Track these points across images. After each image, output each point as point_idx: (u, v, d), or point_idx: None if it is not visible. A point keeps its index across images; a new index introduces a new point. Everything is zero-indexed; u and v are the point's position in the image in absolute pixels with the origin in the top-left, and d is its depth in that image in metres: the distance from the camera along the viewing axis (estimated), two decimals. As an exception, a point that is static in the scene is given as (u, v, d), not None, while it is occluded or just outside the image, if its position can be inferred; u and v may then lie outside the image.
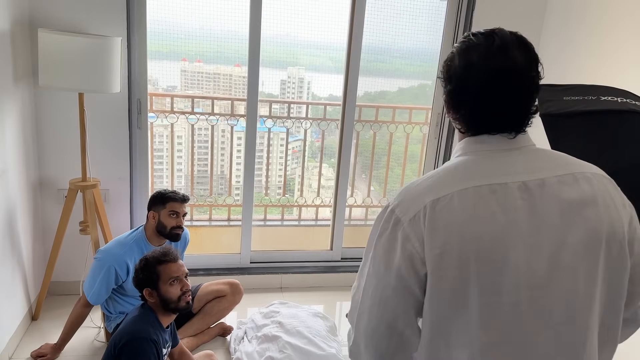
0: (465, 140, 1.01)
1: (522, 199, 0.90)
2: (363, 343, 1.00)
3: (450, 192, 0.91)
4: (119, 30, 2.67)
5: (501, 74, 0.92)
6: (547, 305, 0.90)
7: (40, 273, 2.81)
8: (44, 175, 2.79)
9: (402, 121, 3.80)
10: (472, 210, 0.89)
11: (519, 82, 0.93)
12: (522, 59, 0.93)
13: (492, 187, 0.90)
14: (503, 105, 0.94)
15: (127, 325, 1.97)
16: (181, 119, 3.46)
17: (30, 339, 2.56)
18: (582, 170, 0.97)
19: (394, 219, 0.94)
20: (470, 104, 0.97)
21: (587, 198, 0.93)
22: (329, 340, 2.64)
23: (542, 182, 0.92)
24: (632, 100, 1.45)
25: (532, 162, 0.96)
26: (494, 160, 0.96)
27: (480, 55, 0.93)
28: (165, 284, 1.99)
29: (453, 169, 0.97)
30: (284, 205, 3.89)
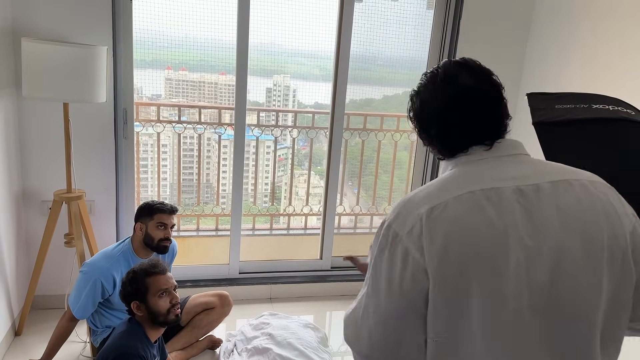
0: (454, 158, 1.04)
1: (518, 202, 0.91)
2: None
3: (445, 199, 0.91)
4: (105, 39, 2.64)
5: (451, 100, 1.01)
6: (548, 314, 0.90)
7: (24, 287, 2.74)
8: (28, 187, 2.73)
9: (390, 129, 3.81)
10: (468, 216, 0.89)
11: (471, 99, 1.00)
12: (467, 79, 1.00)
13: (485, 192, 0.91)
14: (466, 125, 1.00)
15: (115, 340, 1.92)
16: (167, 127, 3.42)
17: (14, 354, 2.49)
18: (578, 177, 0.97)
19: (392, 233, 0.94)
20: (439, 135, 1.04)
21: (584, 205, 0.94)
22: (320, 352, 2.61)
23: (536, 187, 0.93)
24: (623, 108, 1.46)
25: (524, 168, 0.97)
26: (485, 167, 0.98)
27: (429, 92, 1.04)
28: (154, 297, 1.96)
29: (445, 180, 0.98)
30: (272, 214, 3.86)
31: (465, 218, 0.89)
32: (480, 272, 0.88)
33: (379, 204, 3.97)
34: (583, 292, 0.91)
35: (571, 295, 0.90)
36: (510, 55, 3.23)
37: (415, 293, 0.91)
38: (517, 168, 0.97)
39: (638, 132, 1.40)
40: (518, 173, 0.95)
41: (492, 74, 1.03)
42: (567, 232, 0.91)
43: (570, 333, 0.91)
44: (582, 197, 0.94)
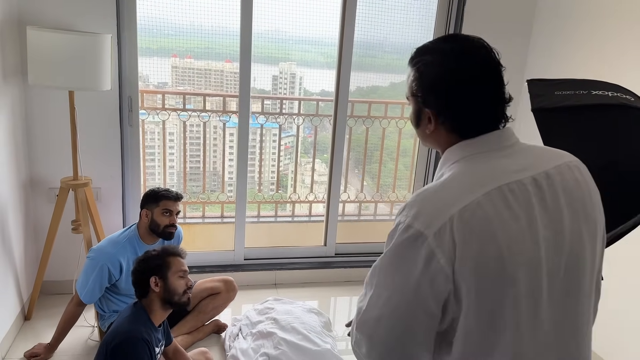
0: (455, 147, 0.98)
1: (534, 194, 0.91)
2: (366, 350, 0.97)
3: (474, 198, 0.87)
4: (109, 27, 2.65)
5: (485, 68, 0.96)
6: (561, 300, 0.92)
7: (32, 272, 2.79)
8: (35, 174, 2.76)
9: (395, 116, 3.80)
10: (500, 214, 0.87)
11: (490, 76, 0.96)
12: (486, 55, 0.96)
13: (509, 186, 0.90)
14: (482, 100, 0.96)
15: (119, 325, 1.95)
16: (172, 115, 3.44)
17: (24, 338, 2.55)
18: (569, 159, 1.00)
19: (413, 232, 0.88)
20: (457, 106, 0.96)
21: (581, 185, 0.97)
22: (324, 336, 2.64)
23: (546, 175, 0.94)
24: (622, 94, 1.45)
25: (530, 157, 0.97)
26: (496, 160, 0.95)
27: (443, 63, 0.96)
28: (174, 275, 2.03)
29: (464, 176, 0.93)
30: (277, 201, 3.89)
31: (498, 217, 0.87)
32: (514, 271, 0.87)
33: (383, 192, 3.98)
34: (587, 272, 0.95)
35: (578, 278, 0.94)
36: (514, 41, 3.21)
37: (431, 298, 0.88)
38: (524, 157, 0.96)
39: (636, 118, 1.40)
40: (527, 162, 0.95)
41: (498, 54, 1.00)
42: (573, 214, 0.93)
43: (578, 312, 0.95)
44: (578, 177, 0.98)
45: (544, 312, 0.91)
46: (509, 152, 0.96)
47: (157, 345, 2.02)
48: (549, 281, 0.90)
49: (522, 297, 0.88)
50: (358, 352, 1.00)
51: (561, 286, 0.92)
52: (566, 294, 0.93)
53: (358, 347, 0.98)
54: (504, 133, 0.98)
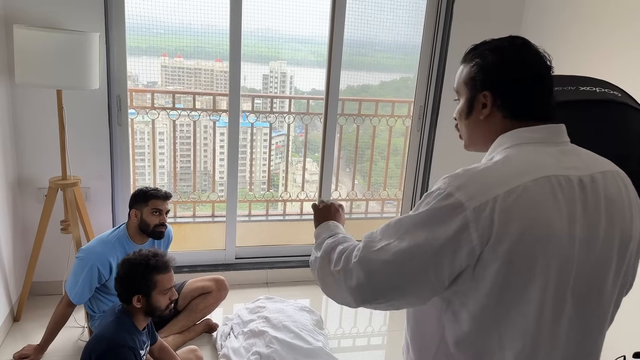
0: (510, 133, 0.99)
1: (578, 194, 0.92)
2: (356, 284, 0.96)
3: (522, 182, 0.88)
4: (97, 26, 2.63)
5: (543, 66, 1.01)
6: (580, 299, 0.93)
7: (21, 273, 2.77)
8: (23, 174, 2.74)
9: (385, 114, 3.81)
10: (545, 202, 0.88)
11: (546, 70, 1.02)
12: (541, 54, 1.03)
13: (558, 179, 0.90)
14: (539, 88, 1.01)
15: (103, 331, 1.92)
16: (162, 114, 3.42)
17: (13, 340, 2.53)
18: (616, 169, 1.01)
19: (454, 201, 0.87)
20: (517, 87, 1.00)
21: (623, 196, 0.97)
22: (316, 334, 2.65)
23: (592, 178, 0.94)
24: (610, 90, 1.46)
25: (580, 158, 0.98)
26: (550, 153, 0.96)
27: (506, 52, 1.02)
28: (158, 294, 1.96)
29: (516, 160, 0.94)
30: (269, 200, 3.88)
31: (542, 204, 0.88)
32: (546, 260, 0.88)
33: (374, 190, 3.98)
34: (609, 281, 0.96)
35: (600, 284, 0.95)
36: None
37: (447, 265, 0.88)
38: (573, 156, 0.97)
39: (624, 114, 1.41)
40: (576, 162, 0.96)
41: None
42: (610, 223, 0.94)
43: (589, 320, 0.96)
44: (622, 188, 0.98)
45: (567, 307, 0.92)
46: (561, 149, 0.97)
47: (143, 348, 1.99)
48: (575, 280, 0.91)
49: (549, 288, 0.89)
50: (337, 278, 1.00)
51: (585, 288, 0.93)
52: (589, 295, 0.94)
53: (344, 277, 0.98)
54: (558, 128, 1.00)
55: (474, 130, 1.06)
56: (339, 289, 1.01)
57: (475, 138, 1.07)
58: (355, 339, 2.86)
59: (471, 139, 1.08)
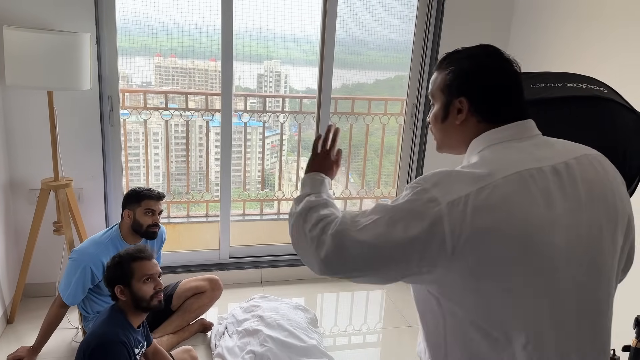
0: (481, 137, 1.04)
1: (554, 182, 0.94)
2: (325, 254, 0.99)
3: (493, 180, 0.92)
4: (88, 26, 2.63)
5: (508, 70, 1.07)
6: (584, 284, 0.95)
7: (14, 275, 2.76)
8: (15, 176, 2.73)
9: (378, 112, 3.82)
10: (517, 196, 0.91)
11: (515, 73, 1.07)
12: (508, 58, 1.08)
13: (530, 172, 0.94)
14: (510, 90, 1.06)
15: (95, 328, 1.93)
16: (155, 115, 3.42)
17: (6, 342, 2.52)
18: (590, 152, 1.04)
19: (429, 197, 0.92)
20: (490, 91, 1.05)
21: (601, 175, 1.01)
22: (310, 332, 2.65)
23: (566, 165, 0.97)
24: (596, 87, 1.47)
25: (551, 148, 1.02)
26: (521, 148, 1.00)
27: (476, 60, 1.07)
28: (138, 282, 1.96)
29: (486, 161, 0.98)
30: (263, 199, 3.88)
31: (513, 198, 0.91)
32: (525, 251, 0.90)
33: (368, 188, 3.99)
34: (608, 260, 0.98)
35: (598, 263, 0.97)
36: (494, 37, 3.23)
37: (419, 253, 0.91)
38: (544, 147, 1.01)
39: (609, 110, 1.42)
40: (548, 153, 0.99)
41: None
42: (593, 203, 0.97)
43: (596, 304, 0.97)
44: (598, 169, 1.01)
45: (565, 291, 0.93)
46: (532, 142, 1.01)
47: (137, 347, 1.99)
48: (567, 263, 0.93)
49: (535, 275, 0.91)
50: (309, 242, 1.03)
51: (583, 270, 0.95)
52: (589, 277, 0.95)
53: (317, 245, 1.01)
54: (526, 124, 1.04)
55: (449, 134, 1.10)
56: (306, 252, 1.05)
57: (450, 141, 1.12)
58: (350, 336, 2.87)
59: (445, 142, 1.14)
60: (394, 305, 3.19)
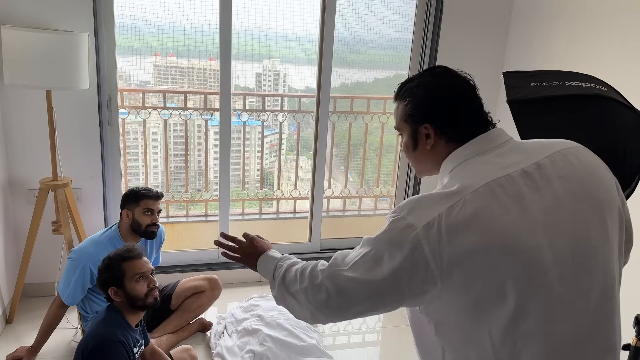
0: (449, 158, 1.07)
1: (526, 185, 0.95)
2: (325, 298, 1.03)
3: (462, 197, 0.93)
4: (86, 26, 2.62)
5: (467, 86, 1.11)
6: (574, 280, 0.94)
7: (13, 275, 2.76)
8: (14, 176, 2.73)
9: (377, 111, 3.81)
10: (488, 208, 0.92)
11: (466, 87, 1.11)
12: (457, 74, 1.12)
13: (498, 181, 0.94)
14: (472, 108, 1.09)
15: (93, 329, 1.92)
16: (154, 114, 3.41)
17: (6, 342, 2.52)
18: (565, 146, 1.04)
19: (405, 225, 0.94)
20: (451, 120, 1.08)
21: (578, 168, 1.00)
22: (309, 331, 2.65)
23: (537, 166, 0.98)
24: (596, 85, 1.47)
25: (520, 152, 1.02)
26: (487, 160, 1.01)
27: (432, 84, 1.10)
28: (131, 281, 1.94)
29: (455, 180, 0.99)
30: (262, 198, 3.88)
31: (485, 211, 0.91)
32: (508, 259, 0.90)
33: (367, 187, 3.99)
34: (598, 252, 0.97)
35: (588, 257, 0.96)
36: (492, 36, 3.22)
37: (407, 279, 0.94)
38: (514, 153, 1.01)
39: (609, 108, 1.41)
40: (517, 158, 1.00)
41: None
42: (574, 198, 0.96)
43: (594, 296, 0.96)
44: (575, 162, 1.01)
45: (559, 293, 0.92)
46: (500, 152, 1.02)
47: (136, 346, 1.99)
48: (557, 263, 0.92)
49: (523, 280, 0.90)
50: (304, 295, 1.07)
51: (572, 267, 0.94)
52: (579, 272, 0.95)
53: (313, 293, 1.05)
54: (491, 134, 1.06)
55: (424, 159, 1.13)
56: (306, 307, 1.08)
57: (426, 166, 1.15)
58: (349, 336, 2.87)
59: (422, 167, 1.17)
60: (393, 304, 3.19)
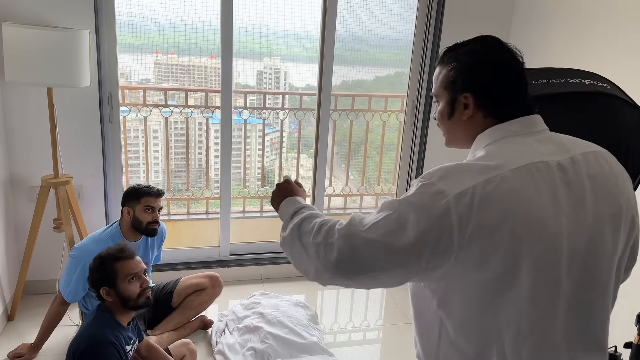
0: (487, 131, 1.03)
1: (559, 178, 0.95)
2: (336, 258, 0.97)
3: (501, 172, 0.92)
4: (87, 23, 2.62)
5: (516, 62, 1.06)
6: (578, 278, 0.95)
7: (14, 273, 2.76)
8: (15, 173, 2.73)
9: (379, 109, 3.81)
10: (524, 188, 0.91)
11: (520, 67, 1.07)
12: (513, 51, 1.08)
13: (537, 166, 0.94)
14: (517, 85, 1.05)
15: (83, 330, 1.90)
16: (154, 112, 3.41)
17: (7, 339, 2.52)
18: (598, 149, 1.04)
19: (435, 190, 0.92)
20: (496, 85, 1.04)
21: (606, 172, 1.01)
22: (310, 329, 2.65)
23: (572, 160, 0.98)
24: (598, 82, 1.47)
25: (557, 143, 1.01)
26: (527, 143, 0.99)
27: (480, 54, 1.07)
28: (123, 282, 1.91)
29: (493, 154, 0.97)
30: (263, 196, 3.88)
31: (520, 190, 0.91)
32: (531, 243, 0.90)
33: (368, 185, 3.98)
34: (607, 254, 0.98)
35: (597, 257, 0.97)
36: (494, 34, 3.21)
37: (430, 247, 0.90)
38: (552, 143, 1.01)
39: (612, 105, 1.41)
40: (554, 148, 0.99)
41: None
42: (598, 199, 0.97)
43: (591, 298, 0.98)
44: (605, 165, 1.01)
45: (564, 286, 0.94)
46: (539, 138, 1.01)
47: (129, 344, 1.97)
48: (569, 257, 0.93)
49: (539, 267, 0.91)
50: (315, 251, 1.00)
51: (581, 264, 0.95)
52: (586, 271, 0.96)
53: (325, 250, 0.99)
54: (534, 119, 1.04)
55: (457, 130, 1.10)
56: (311, 262, 1.02)
57: (458, 137, 1.11)
58: (350, 333, 2.87)
59: (453, 137, 1.13)
60: (394, 301, 3.19)
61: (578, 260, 0.94)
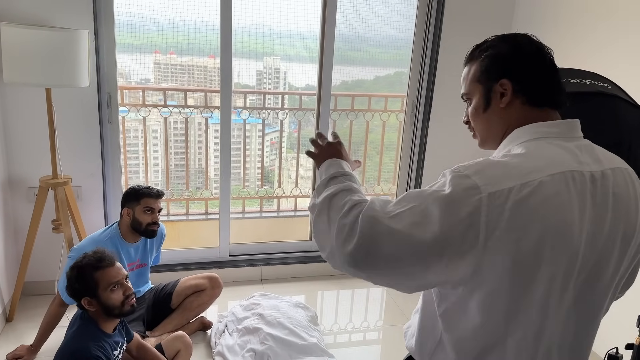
0: (527, 127, 0.99)
1: (589, 190, 0.93)
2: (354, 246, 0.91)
3: (539, 177, 0.88)
4: (86, 23, 2.61)
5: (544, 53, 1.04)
6: (582, 289, 0.95)
7: (13, 274, 2.75)
8: (13, 174, 2.72)
9: (378, 109, 3.80)
10: (558, 196, 0.89)
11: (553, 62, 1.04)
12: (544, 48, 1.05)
13: (573, 174, 0.92)
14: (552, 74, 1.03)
15: (66, 344, 1.85)
16: (154, 112, 3.40)
17: (6, 341, 2.51)
18: (624, 166, 1.02)
19: (470, 183, 0.87)
20: (535, 75, 1.01)
21: (630, 194, 0.98)
22: (310, 330, 2.64)
23: (602, 174, 0.95)
24: (600, 82, 1.46)
25: (593, 154, 0.98)
26: (568, 148, 0.96)
27: (527, 44, 1.04)
28: (105, 291, 1.85)
29: (533, 154, 0.94)
30: (262, 197, 3.87)
31: (556, 199, 0.88)
32: (554, 252, 0.88)
33: (368, 185, 3.98)
34: (609, 271, 0.97)
35: (600, 273, 0.96)
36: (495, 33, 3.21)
37: (454, 245, 0.86)
38: (588, 152, 0.98)
39: (613, 106, 1.40)
40: (589, 157, 0.97)
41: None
42: (615, 218, 0.95)
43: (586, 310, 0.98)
44: (629, 184, 0.99)
45: (569, 297, 0.94)
46: (577, 144, 0.98)
47: (116, 349, 1.93)
48: (579, 271, 0.93)
49: (557, 279, 0.90)
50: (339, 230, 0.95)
51: (586, 279, 0.94)
52: (588, 286, 0.95)
53: (347, 234, 0.93)
54: (574, 124, 1.01)
55: (493, 122, 1.04)
56: (330, 240, 0.97)
57: (493, 132, 1.05)
58: (350, 334, 2.86)
59: (488, 134, 1.07)
60: (394, 302, 3.18)
61: (583, 276, 0.94)
